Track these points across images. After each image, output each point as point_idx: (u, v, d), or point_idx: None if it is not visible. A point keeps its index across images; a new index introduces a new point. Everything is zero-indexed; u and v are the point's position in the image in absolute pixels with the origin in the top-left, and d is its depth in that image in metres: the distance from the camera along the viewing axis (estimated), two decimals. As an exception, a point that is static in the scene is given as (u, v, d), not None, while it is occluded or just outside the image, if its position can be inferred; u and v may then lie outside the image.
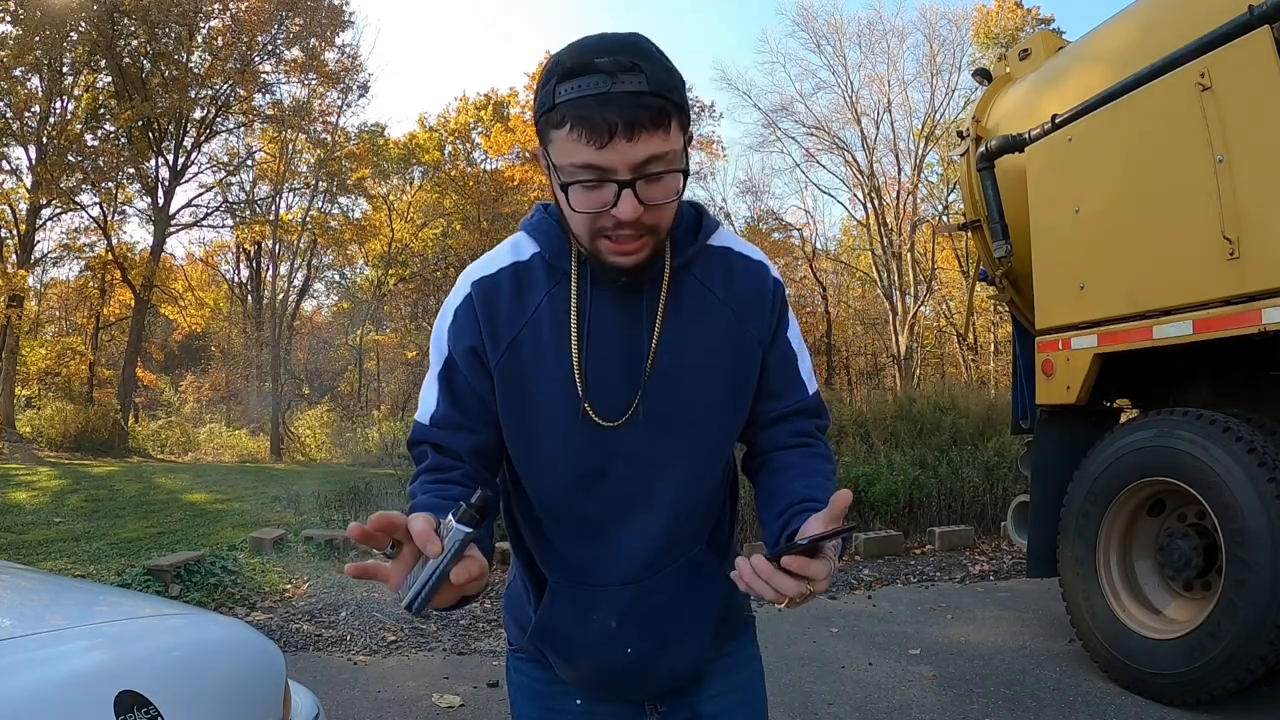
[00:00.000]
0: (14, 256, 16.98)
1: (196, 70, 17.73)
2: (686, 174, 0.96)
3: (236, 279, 25.34)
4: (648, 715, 1.18)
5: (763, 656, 1.31)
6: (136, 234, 41.54)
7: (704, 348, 1.05)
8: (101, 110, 17.58)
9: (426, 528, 0.78)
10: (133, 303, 18.75)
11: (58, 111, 16.88)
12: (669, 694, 1.17)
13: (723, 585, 1.07)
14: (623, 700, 1.17)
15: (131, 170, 17.71)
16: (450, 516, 0.80)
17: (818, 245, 25.22)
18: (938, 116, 22.43)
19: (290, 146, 19.49)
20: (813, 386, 1.15)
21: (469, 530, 0.79)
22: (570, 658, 1.13)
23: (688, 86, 0.99)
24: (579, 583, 1.09)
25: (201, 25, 17.68)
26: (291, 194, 20.88)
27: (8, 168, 16.87)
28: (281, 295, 21.14)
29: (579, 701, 1.16)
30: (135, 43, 17.10)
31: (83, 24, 15.83)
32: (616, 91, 0.87)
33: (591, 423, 1.02)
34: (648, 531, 1.07)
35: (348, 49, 20.70)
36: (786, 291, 1.15)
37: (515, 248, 1.08)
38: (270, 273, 21.67)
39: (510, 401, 1.04)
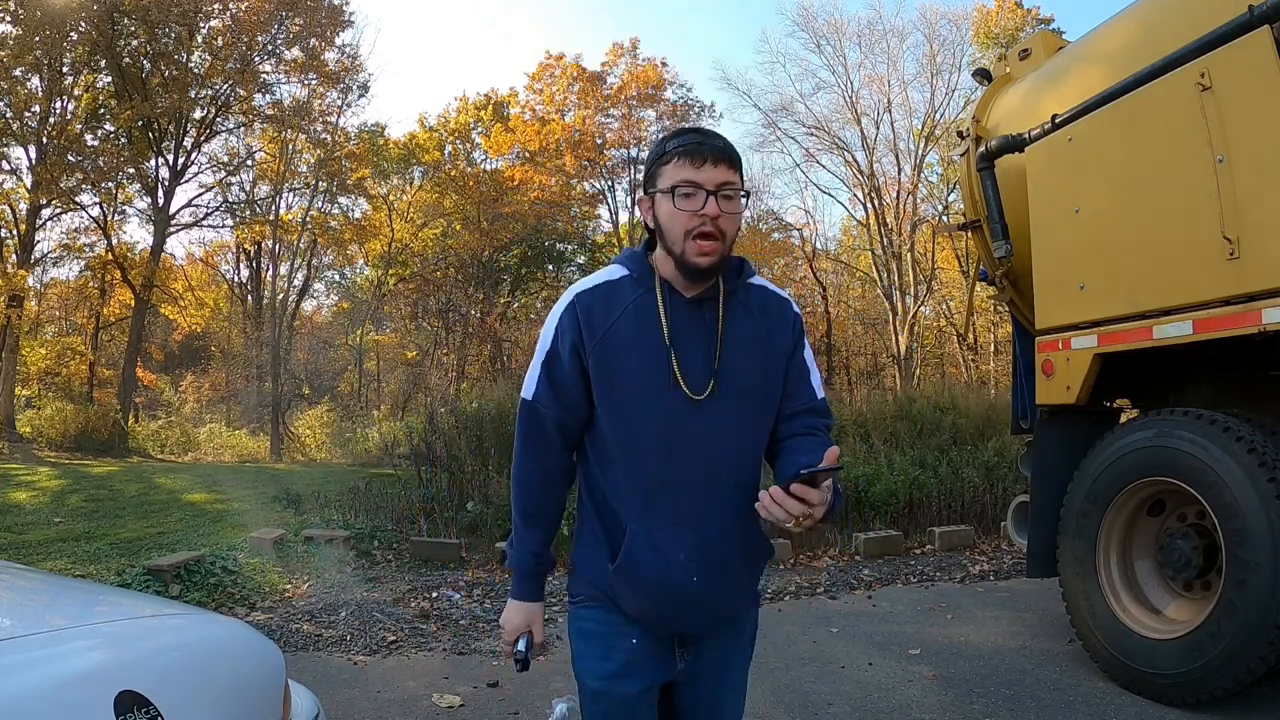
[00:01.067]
0: (14, 256, 16.95)
1: (196, 70, 17.71)
2: (748, 195, 1.46)
3: (236, 279, 25.32)
4: (677, 661, 1.49)
5: (763, 656, 1.54)
6: (136, 234, 41.47)
7: (750, 350, 1.45)
8: (101, 110, 17.56)
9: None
10: (133, 303, 18.73)
11: (58, 111, 16.85)
12: (693, 643, 1.49)
13: (762, 549, 1.52)
14: (672, 635, 1.48)
15: (131, 170, 17.68)
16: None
17: (818, 245, 25.17)
18: (938, 116, 22.41)
19: (290, 146, 19.47)
20: (820, 394, 1.54)
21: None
22: (644, 587, 1.42)
23: (687, 86, 1.29)
24: (655, 526, 1.41)
25: (201, 25, 17.65)
26: (291, 194, 20.87)
27: (8, 168, 16.85)
28: (281, 295, 21.14)
29: (635, 641, 1.46)
30: (135, 43, 17.07)
31: (83, 24, 15.81)
32: (709, 144, 1.38)
33: (683, 397, 1.39)
34: (711, 487, 1.41)
35: (348, 49, 20.65)
36: (803, 322, 1.56)
37: (609, 272, 1.48)
38: (270, 273, 21.68)
39: (603, 379, 1.41)
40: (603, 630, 1.48)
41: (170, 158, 18.17)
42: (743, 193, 1.41)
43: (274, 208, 20.45)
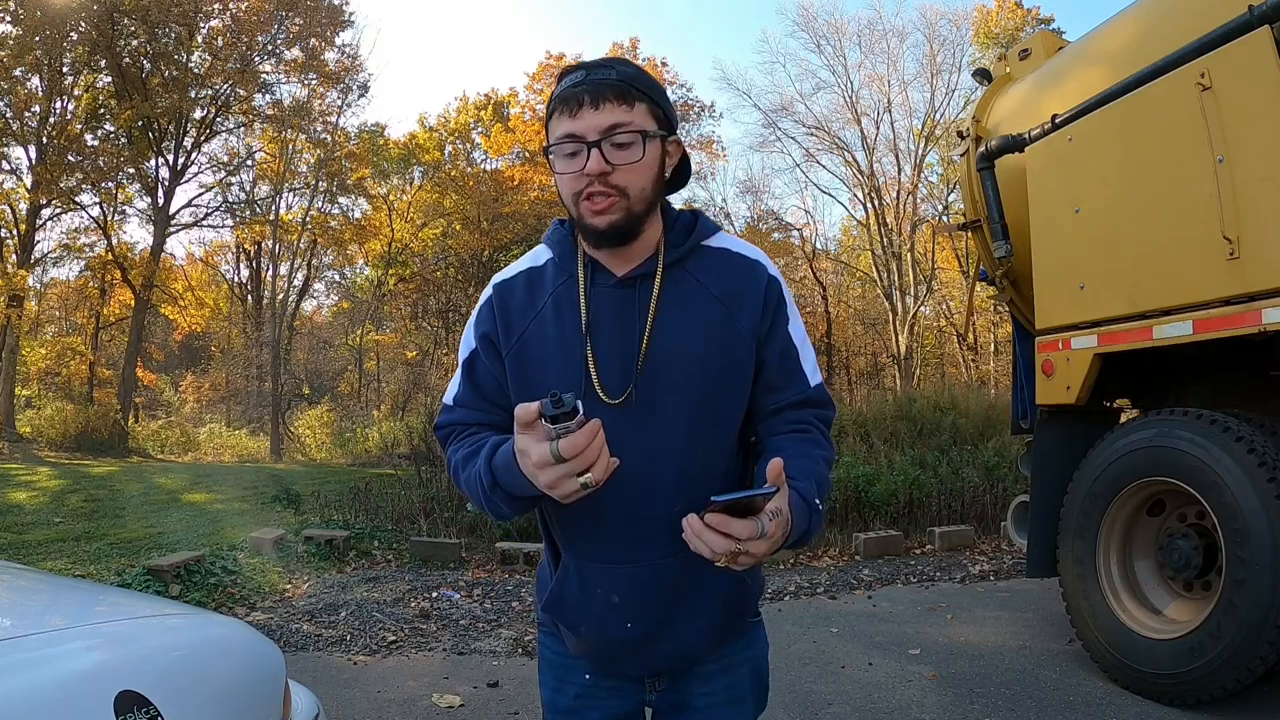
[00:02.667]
0: (14, 256, 16.97)
1: (196, 70, 17.72)
2: (671, 133, 1.16)
3: (236, 279, 25.36)
4: (647, 693, 1.26)
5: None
6: (136, 234, 41.60)
7: (693, 339, 1.14)
8: (101, 110, 17.57)
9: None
10: (133, 303, 18.75)
11: (58, 111, 16.87)
12: (667, 675, 1.25)
13: (727, 582, 1.18)
14: (626, 675, 1.25)
15: (131, 170, 17.71)
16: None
17: (818, 245, 25.21)
18: (938, 116, 22.44)
19: (290, 146, 19.48)
20: (815, 379, 1.22)
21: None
22: (576, 629, 1.22)
23: (687, 86, 1.17)
24: (585, 558, 1.18)
25: (201, 25, 17.67)
26: (291, 194, 20.90)
27: (8, 168, 16.88)
28: (281, 295, 21.15)
29: (588, 676, 1.26)
30: (135, 43, 17.09)
31: (83, 24, 15.82)
32: (589, 79, 1.09)
33: (596, 400, 1.12)
34: (647, 516, 1.14)
35: (348, 49, 20.74)
36: (785, 287, 1.22)
37: (534, 255, 1.25)
38: (270, 273, 21.71)
39: (520, 388, 1.17)
40: (555, 660, 1.30)
41: (170, 158, 18.20)
42: (645, 132, 1.10)
43: (274, 208, 20.47)
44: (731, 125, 56.61)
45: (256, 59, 18.29)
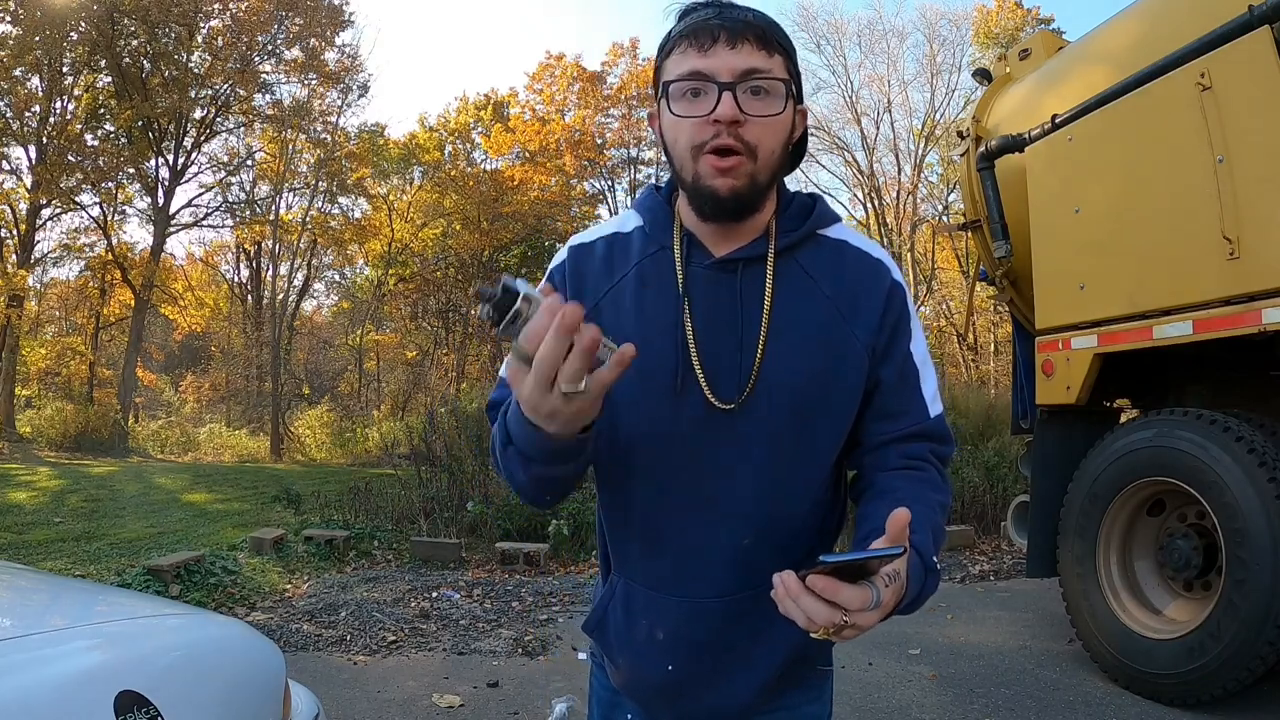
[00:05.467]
0: (14, 256, 16.97)
1: (196, 70, 17.72)
2: (798, 101, 0.97)
3: (236, 279, 25.34)
4: None
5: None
6: (136, 234, 41.53)
7: (800, 341, 0.96)
8: (101, 110, 17.57)
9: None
10: (133, 303, 18.76)
11: (58, 111, 16.87)
12: None
13: (799, 632, 0.98)
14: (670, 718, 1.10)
15: (131, 170, 17.71)
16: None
17: (818, 245, 25.13)
18: (938, 116, 22.45)
19: (290, 146, 19.47)
20: (936, 409, 1.03)
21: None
22: (615, 660, 1.09)
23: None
24: (634, 581, 1.05)
25: (201, 25, 17.66)
26: (291, 194, 20.88)
27: (8, 168, 16.87)
28: (281, 295, 21.13)
29: (629, 717, 1.13)
30: (135, 43, 17.08)
31: (83, 24, 15.82)
32: (725, 14, 0.93)
33: (697, 400, 0.95)
34: (710, 545, 0.99)
35: (348, 49, 20.70)
36: (909, 297, 1.04)
37: (621, 221, 1.08)
38: (270, 273, 21.67)
39: None
40: (603, 695, 1.16)
41: (170, 158, 18.19)
42: (788, 82, 0.93)
43: (274, 208, 20.46)
44: (731, 125, 56.57)
45: (256, 59, 18.29)
